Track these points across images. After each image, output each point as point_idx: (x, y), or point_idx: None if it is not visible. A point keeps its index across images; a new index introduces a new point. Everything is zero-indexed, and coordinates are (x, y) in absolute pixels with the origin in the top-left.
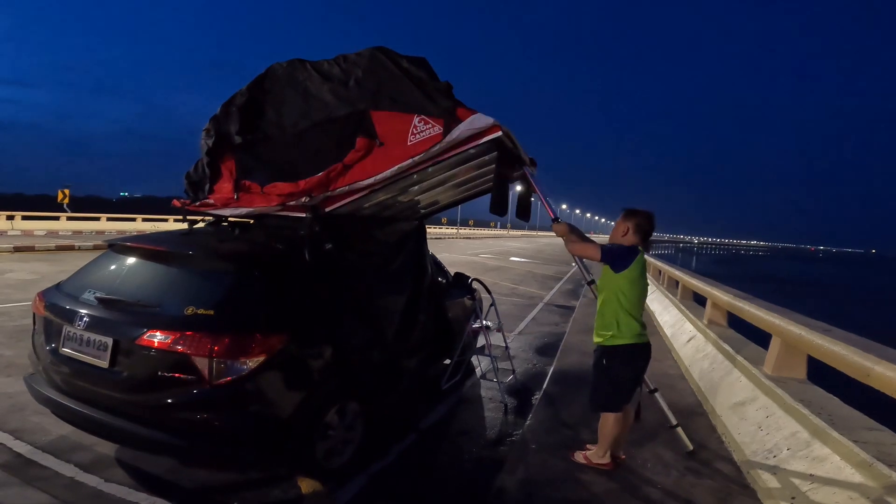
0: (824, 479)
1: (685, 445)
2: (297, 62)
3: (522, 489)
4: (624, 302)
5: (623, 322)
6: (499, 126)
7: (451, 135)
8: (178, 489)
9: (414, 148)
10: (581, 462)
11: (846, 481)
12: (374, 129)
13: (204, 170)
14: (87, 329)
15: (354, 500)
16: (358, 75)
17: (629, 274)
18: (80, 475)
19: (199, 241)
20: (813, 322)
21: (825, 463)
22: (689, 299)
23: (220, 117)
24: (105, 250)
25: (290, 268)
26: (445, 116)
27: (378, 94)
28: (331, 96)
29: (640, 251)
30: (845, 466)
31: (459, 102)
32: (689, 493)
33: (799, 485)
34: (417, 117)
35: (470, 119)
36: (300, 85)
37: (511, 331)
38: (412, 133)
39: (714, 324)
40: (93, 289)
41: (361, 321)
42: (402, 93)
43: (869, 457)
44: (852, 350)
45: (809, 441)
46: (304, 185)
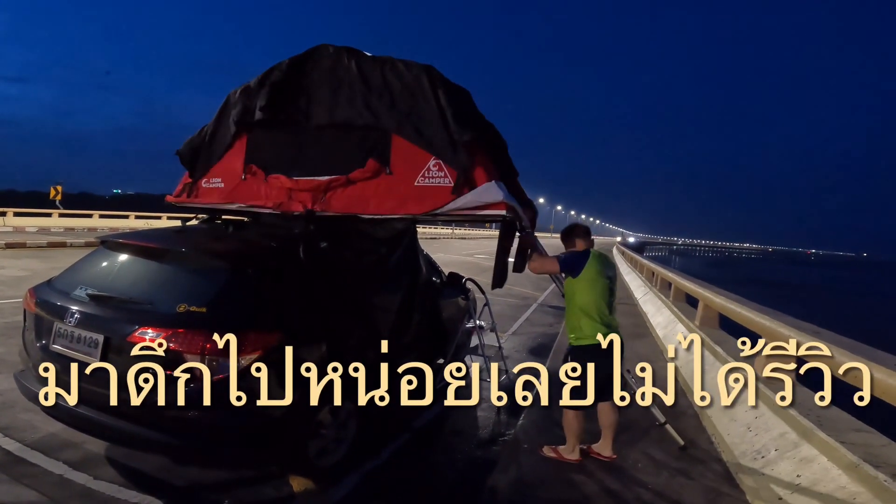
0: (811, 480)
1: (676, 441)
2: (345, 51)
3: (515, 489)
4: (582, 304)
5: (584, 324)
6: (505, 203)
7: (457, 202)
8: (169, 487)
9: (420, 192)
10: (550, 456)
11: (833, 482)
12: (389, 156)
13: (214, 138)
14: (78, 326)
15: (347, 498)
16: (395, 90)
17: (585, 276)
18: (69, 473)
19: (192, 239)
20: (803, 324)
21: (812, 464)
22: (681, 301)
23: (254, 89)
24: (97, 247)
25: (284, 266)
26: (460, 172)
27: (406, 119)
28: (361, 101)
29: (590, 252)
30: (832, 468)
31: (482, 157)
32: (678, 494)
33: (786, 486)
34: (434, 160)
35: (480, 190)
36: (339, 80)
37: (505, 331)
38: (423, 175)
39: (706, 325)
40: (84, 285)
41: (356, 320)
42: (430, 128)
43: (856, 458)
44: (840, 352)
45: (797, 442)
46: (303, 184)
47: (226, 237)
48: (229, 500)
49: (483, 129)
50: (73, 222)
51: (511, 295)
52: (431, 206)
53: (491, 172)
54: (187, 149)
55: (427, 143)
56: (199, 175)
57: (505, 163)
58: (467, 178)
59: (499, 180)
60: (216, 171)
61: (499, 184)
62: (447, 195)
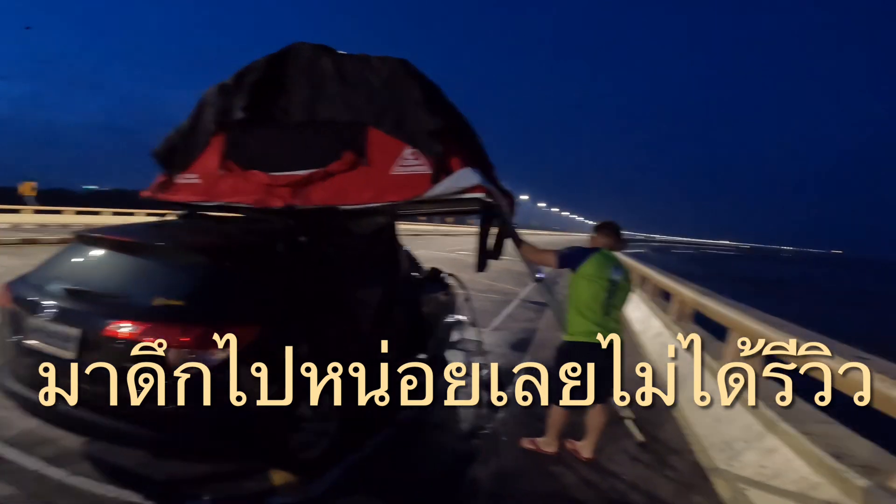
0: (775, 471)
1: (635, 436)
2: (322, 49)
3: (495, 481)
4: (575, 300)
5: (574, 320)
6: (482, 187)
7: (435, 189)
8: (148, 482)
9: (397, 180)
10: (529, 448)
11: (796, 473)
12: (366, 147)
13: (190, 136)
14: (52, 320)
15: (329, 491)
16: (372, 85)
17: (583, 272)
18: (46, 468)
19: (169, 233)
20: (770, 318)
21: (775, 454)
22: (657, 296)
23: (232, 88)
24: (72, 241)
25: (262, 259)
26: (436, 159)
27: (384, 113)
28: (339, 99)
29: (598, 251)
30: (794, 458)
31: (455, 146)
32: (651, 485)
33: (752, 475)
34: (410, 149)
35: (457, 175)
36: (317, 77)
37: (486, 326)
38: (399, 163)
39: (681, 320)
40: (60, 280)
41: (337, 313)
42: (407, 121)
43: (817, 448)
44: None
45: (763, 434)
46: (282, 179)
47: (203, 231)
48: (210, 494)
49: (454, 119)
50: (46, 219)
51: (493, 290)
52: (411, 194)
53: (466, 159)
54: (163, 148)
55: (403, 134)
56: (176, 172)
57: (479, 153)
58: (444, 166)
59: (474, 167)
60: (193, 168)
61: (474, 169)
62: (426, 183)
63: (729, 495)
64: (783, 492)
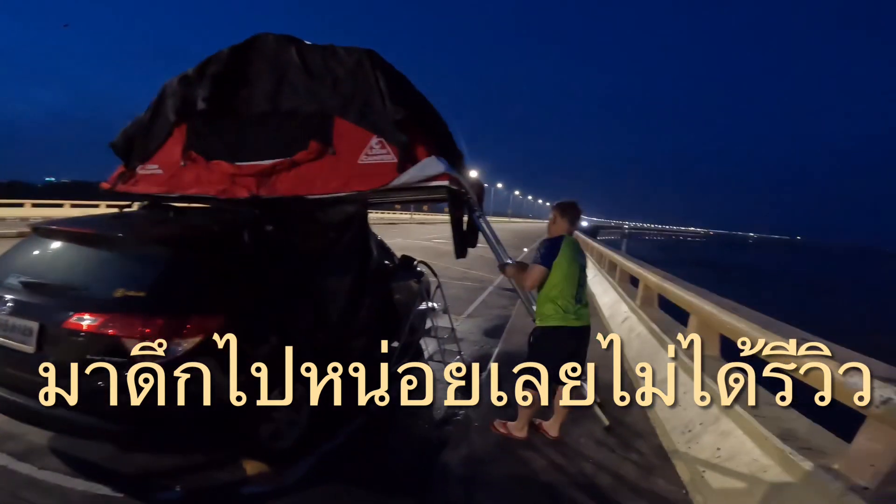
0: (730, 453)
1: (602, 421)
2: (286, 40)
3: (465, 465)
4: (548, 288)
5: (545, 306)
6: (448, 174)
7: (401, 178)
8: (118, 475)
9: (363, 169)
10: (500, 431)
11: (748, 455)
12: (332, 137)
13: (150, 127)
14: (10, 314)
15: (301, 480)
16: (337, 76)
17: (558, 263)
18: (13, 464)
19: (129, 224)
20: (725, 301)
21: (730, 437)
22: (626, 282)
23: (193, 78)
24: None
25: (226, 249)
26: (402, 148)
27: (350, 103)
28: (304, 90)
29: (564, 238)
30: (747, 440)
31: (421, 135)
32: (617, 467)
33: (708, 457)
34: (376, 139)
35: (422, 164)
36: (281, 67)
37: (460, 314)
38: (366, 153)
39: (646, 305)
40: (17, 273)
41: (304, 302)
42: (373, 111)
43: (766, 430)
44: (752, 326)
45: (718, 416)
46: (247, 169)
47: (165, 222)
48: (181, 485)
49: (420, 109)
50: (4, 212)
51: (467, 278)
52: (377, 183)
53: (431, 148)
54: (122, 139)
55: (369, 124)
56: (136, 164)
57: (446, 141)
58: (409, 155)
59: (439, 155)
60: (154, 159)
61: (440, 158)
62: (392, 172)
63: (688, 477)
64: (737, 473)
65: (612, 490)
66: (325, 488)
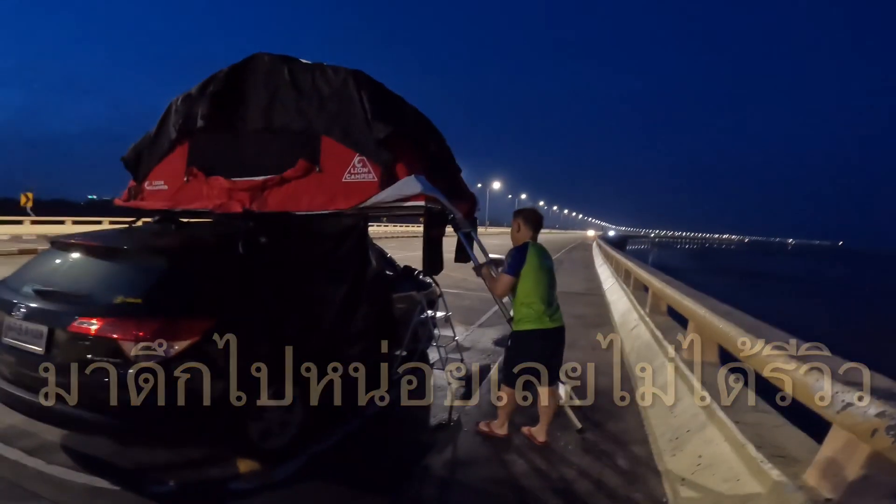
0: (710, 461)
1: (574, 424)
2: (280, 60)
3: (446, 468)
4: (522, 294)
5: (519, 312)
6: (424, 195)
7: (380, 196)
8: (119, 470)
9: (346, 187)
10: (484, 430)
11: (725, 463)
12: (319, 155)
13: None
14: (24, 319)
15: (290, 478)
16: (324, 94)
17: (526, 271)
18: (25, 458)
19: (133, 237)
20: (719, 306)
21: (712, 444)
22: (639, 290)
23: (195, 97)
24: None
25: (220, 259)
26: (384, 167)
27: (334, 121)
28: (294, 108)
29: (529, 244)
30: (727, 448)
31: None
32: (600, 474)
33: (690, 465)
34: (358, 157)
35: (400, 183)
36: (273, 86)
37: (472, 323)
38: (350, 171)
39: (654, 312)
40: (32, 282)
41: (296, 308)
42: (356, 129)
43: (743, 437)
44: (737, 330)
45: (705, 423)
46: (241, 185)
47: (166, 235)
48: (175, 480)
49: (410, 125)
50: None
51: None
52: (358, 201)
53: (413, 167)
54: (132, 154)
55: (352, 143)
56: (143, 178)
57: (435, 157)
58: (390, 173)
59: (420, 174)
60: (160, 175)
61: (419, 177)
62: (373, 189)
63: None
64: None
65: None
66: (309, 485)
